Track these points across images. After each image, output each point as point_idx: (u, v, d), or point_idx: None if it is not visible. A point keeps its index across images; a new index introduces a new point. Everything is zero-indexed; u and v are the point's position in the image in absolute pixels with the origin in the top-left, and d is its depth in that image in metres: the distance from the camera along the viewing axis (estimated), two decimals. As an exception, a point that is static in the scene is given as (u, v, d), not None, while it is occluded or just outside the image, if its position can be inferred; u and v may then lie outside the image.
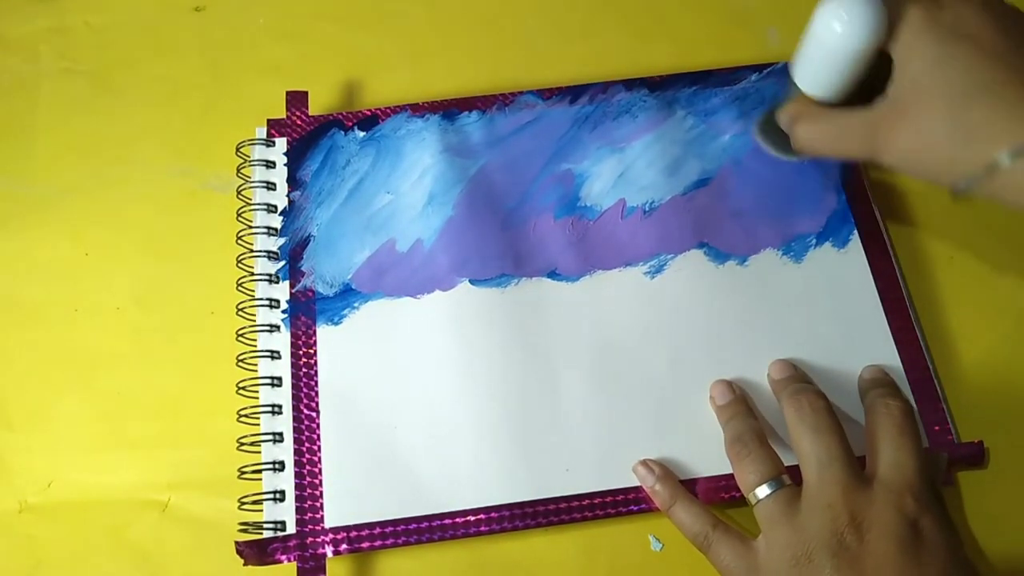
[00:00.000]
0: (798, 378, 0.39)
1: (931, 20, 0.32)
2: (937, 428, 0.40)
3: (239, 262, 0.43)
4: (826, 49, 0.34)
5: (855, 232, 0.43)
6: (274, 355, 0.42)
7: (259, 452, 0.40)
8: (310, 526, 0.38)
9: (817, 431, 0.36)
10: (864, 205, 0.44)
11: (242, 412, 0.40)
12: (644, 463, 0.39)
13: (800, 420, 0.36)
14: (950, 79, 0.31)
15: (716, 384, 0.40)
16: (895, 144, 0.33)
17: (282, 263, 0.43)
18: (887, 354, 0.41)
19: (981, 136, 0.31)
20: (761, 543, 0.35)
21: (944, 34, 0.32)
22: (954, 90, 0.31)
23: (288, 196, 0.45)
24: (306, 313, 0.42)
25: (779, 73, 0.47)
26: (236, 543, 0.37)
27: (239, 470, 0.39)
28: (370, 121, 0.46)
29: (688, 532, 0.37)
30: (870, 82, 0.35)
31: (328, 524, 0.38)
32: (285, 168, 0.45)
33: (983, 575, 0.37)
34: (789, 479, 0.36)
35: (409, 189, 0.45)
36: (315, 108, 0.47)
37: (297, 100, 0.47)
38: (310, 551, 0.38)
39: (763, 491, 0.36)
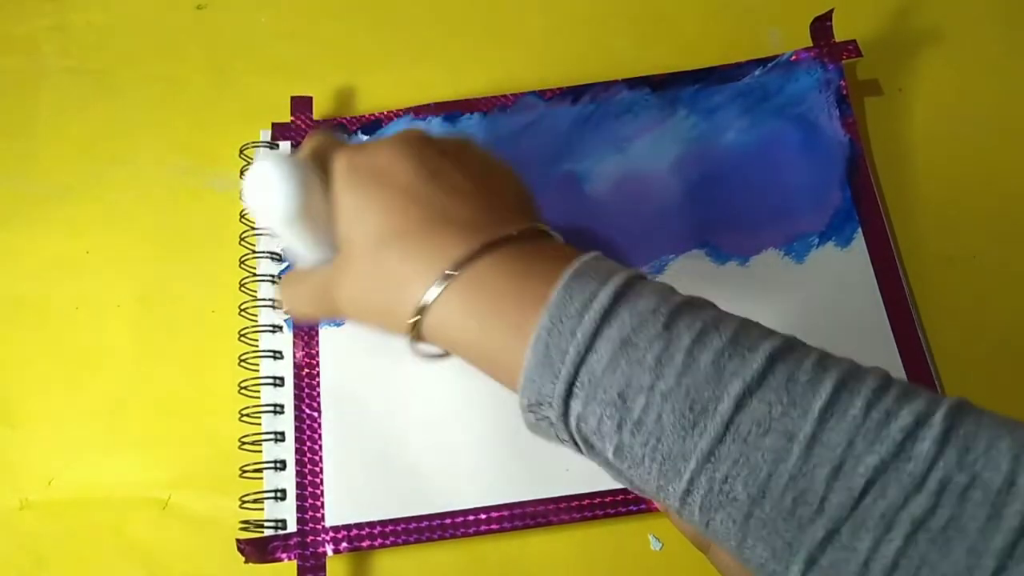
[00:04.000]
0: None
1: (349, 169, 0.31)
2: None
3: (242, 263, 0.43)
4: (262, 218, 0.31)
5: (859, 231, 0.43)
6: (276, 355, 0.42)
7: (260, 451, 0.40)
8: (311, 524, 0.39)
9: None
10: (870, 203, 0.44)
11: (244, 411, 0.40)
12: None
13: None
14: (368, 229, 0.30)
15: None
16: (341, 299, 0.31)
17: (285, 264, 0.43)
18: (889, 355, 0.40)
19: (399, 284, 0.29)
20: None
21: (361, 181, 0.31)
22: (371, 240, 0.30)
23: (290, 196, 0.45)
24: (308, 313, 0.42)
25: (783, 66, 0.46)
26: (237, 541, 0.37)
27: (240, 468, 0.39)
28: (373, 124, 0.47)
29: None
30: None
31: (329, 523, 0.39)
32: (288, 169, 0.45)
33: None
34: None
35: (410, 189, 0.45)
36: (316, 108, 0.47)
37: (302, 105, 0.47)
38: (310, 549, 0.38)
39: None
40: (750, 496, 0.23)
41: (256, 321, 0.42)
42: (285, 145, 0.46)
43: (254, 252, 0.43)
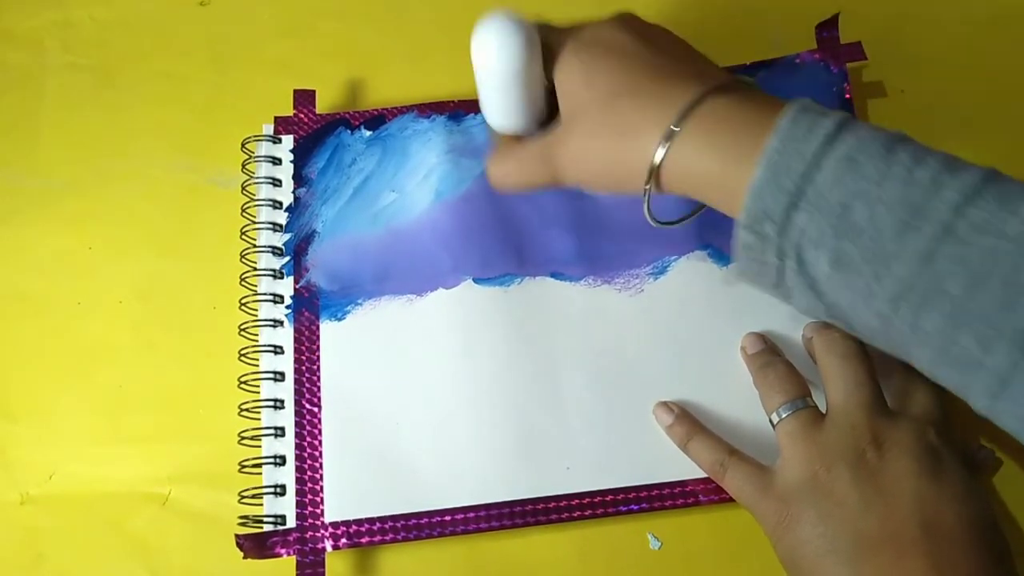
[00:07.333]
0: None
1: (575, 40, 0.34)
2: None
3: (243, 257, 0.43)
4: (486, 78, 0.34)
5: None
6: (277, 350, 0.42)
7: (260, 446, 0.40)
8: (310, 520, 0.39)
9: (846, 358, 0.36)
10: None
11: (243, 406, 0.40)
12: (662, 404, 0.40)
13: (829, 349, 0.37)
14: (599, 87, 0.33)
15: (747, 336, 0.41)
16: (566, 159, 0.34)
17: (287, 259, 0.43)
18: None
19: (635, 132, 0.32)
20: (778, 464, 0.36)
21: (589, 48, 0.34)
22: (602, 96, 0.33)
23: (294, 193, 0.45)
24: (310, 309, 0.42)
25: (787, 69, 0.46)
26: (236, 536, 0.37)
27: (240, 464, 0.39)
28: (377, 120, 0.47)
29: (705, 464, 0.38)
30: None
31: (328, 519, 0.39)
32: (291, 165, 0.45)
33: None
34: (814, 403, 0.37)
35: (414, 188, 0.45)
36: (319, 104, 0.47)
37: (304, 98, 0.47)
38: (310, 545, 0.38)
39: (786, 410, 0.36)
40: (964, 289, 0.26)
41: (256, 316, 0.42)
42: (288, 139, 0.46)
43: (255, 247, 0.44)
